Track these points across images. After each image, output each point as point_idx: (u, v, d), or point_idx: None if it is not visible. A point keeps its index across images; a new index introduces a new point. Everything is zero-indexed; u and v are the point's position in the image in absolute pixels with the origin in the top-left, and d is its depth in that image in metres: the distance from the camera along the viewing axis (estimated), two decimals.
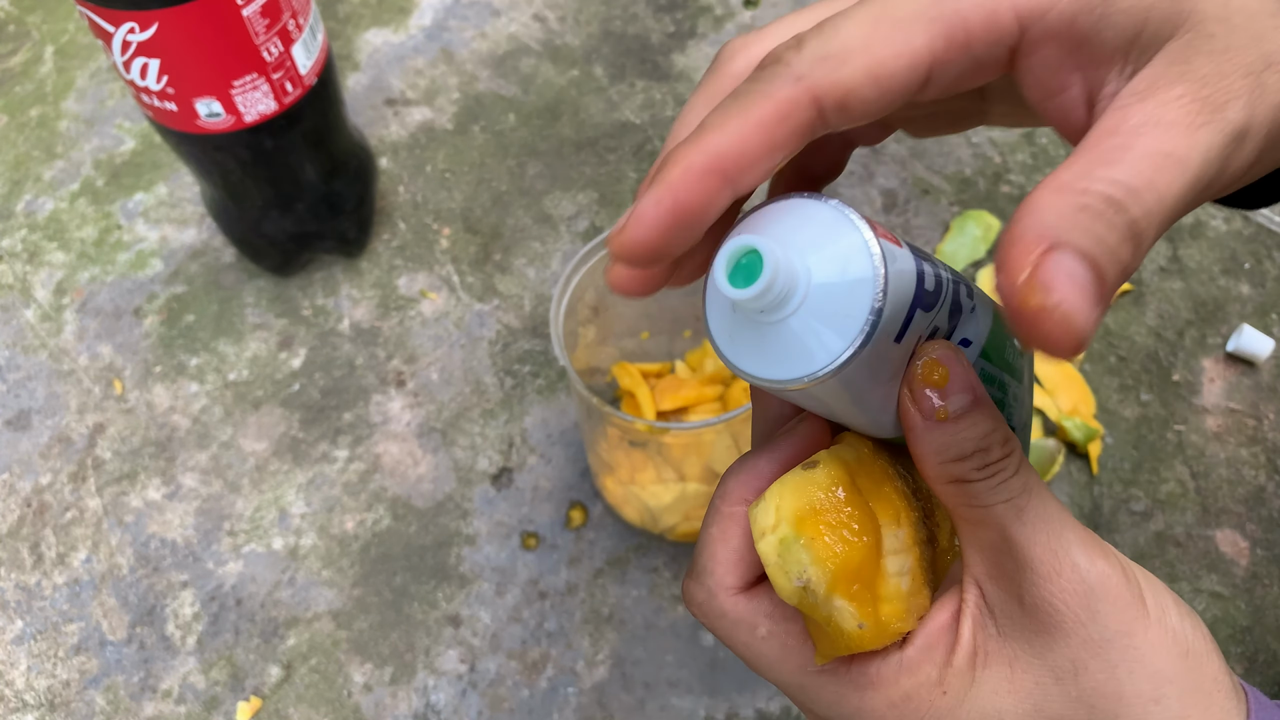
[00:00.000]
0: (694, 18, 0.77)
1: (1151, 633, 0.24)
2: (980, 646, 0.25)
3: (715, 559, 0.26)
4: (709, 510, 0.27)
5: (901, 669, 0.25)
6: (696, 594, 0.26)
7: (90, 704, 0.52)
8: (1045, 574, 0.24)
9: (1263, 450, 0.57)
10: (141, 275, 0.66)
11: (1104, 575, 0.24)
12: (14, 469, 0.59)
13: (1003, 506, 0.24)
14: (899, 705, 0.24)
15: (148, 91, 0.50)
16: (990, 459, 0.24)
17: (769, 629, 0.26)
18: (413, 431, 0.59)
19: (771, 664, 0.26)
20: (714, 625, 0.26)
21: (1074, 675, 0.24)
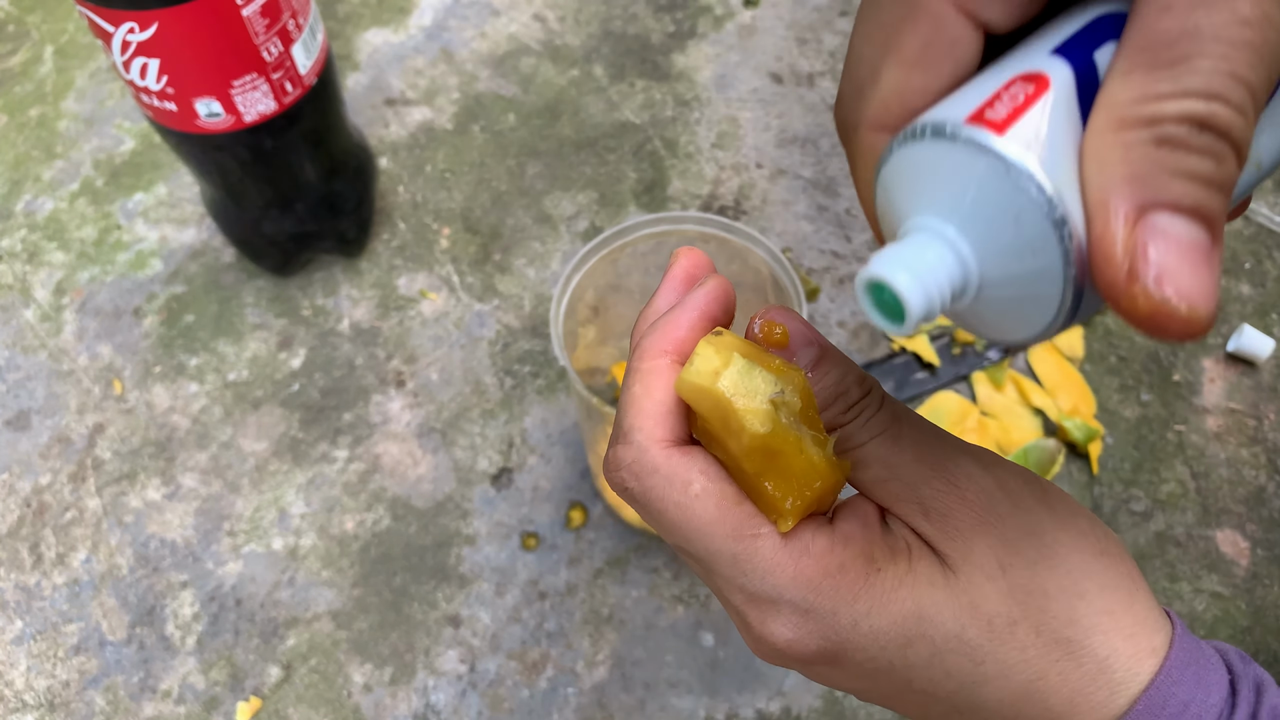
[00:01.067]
0: (694, 17, 0.77)
1: (1063, 533, 0.24)
2: (911, 543, 0.24)
3: (642, 413, 0.24)
4: (627, 373, 0.25)
5: (835, 538, 0.24)
6: (624, 455, 0.24)
7: (90, 704, 0.52)
8: (940, 488, 0.24)
9: (1263, 450, 0.57)
10: (141, 275, 0.65)
11: (1000, 479, 0.24)
12: (14, 469, 0.59)
13: (877, 441, 0.24)
14: (833, 575, 0.23)
15: (147, 91, 0.50)
16: (851, 400, 0.24)
17: (703, 485, 0.23)
18: (412, 432, 0.59)
19: (703, 526, 0.23)
20: (644, 488, 0.24)
21: (1002, 572, 0.23)
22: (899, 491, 0.24)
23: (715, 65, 0.74)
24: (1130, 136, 0.16)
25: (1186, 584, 0.53)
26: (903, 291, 0.18)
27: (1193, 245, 0.16)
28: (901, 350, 0.61)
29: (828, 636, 0.23)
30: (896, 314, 0.18)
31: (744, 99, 0.72)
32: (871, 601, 0.23)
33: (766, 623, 0.24)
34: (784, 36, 0.75)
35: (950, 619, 0.23)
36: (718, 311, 0.25)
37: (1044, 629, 0.23)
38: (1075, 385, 0.59)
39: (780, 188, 0.68)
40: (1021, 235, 0.18)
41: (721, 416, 0.23)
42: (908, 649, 0.23)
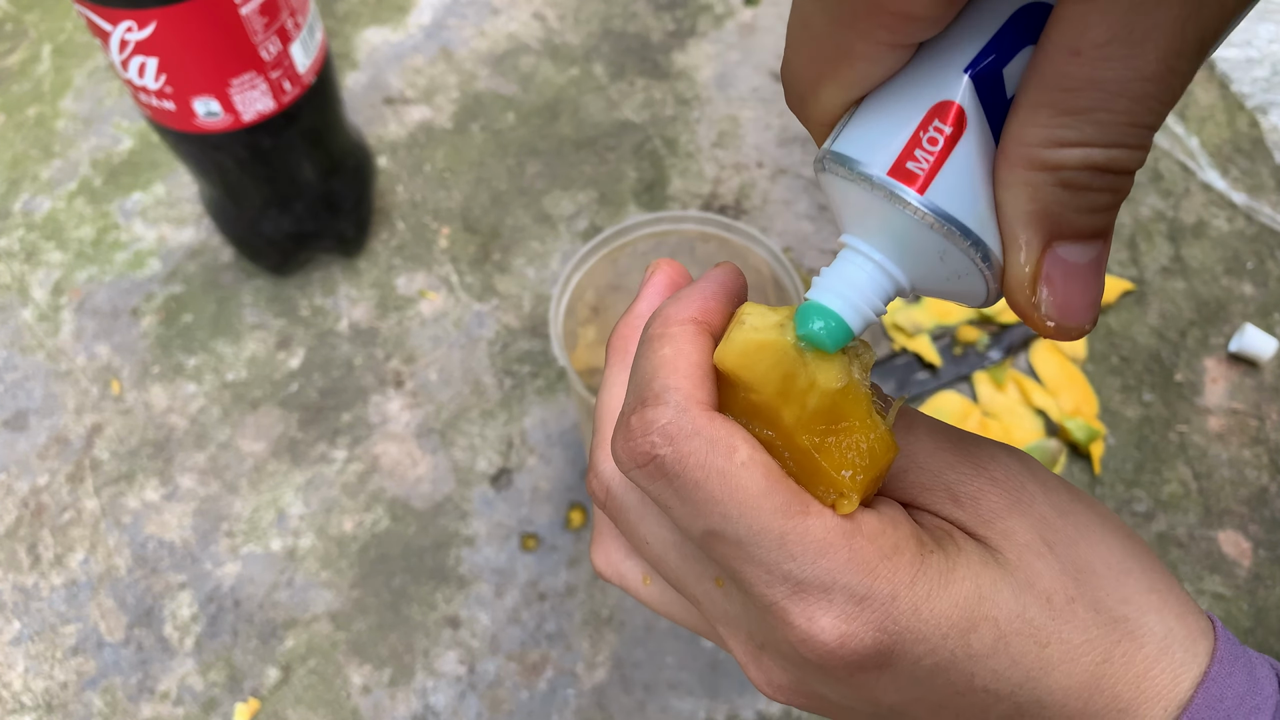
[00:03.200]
0: (694, 16, 0.76)
1: (1093, 512, 0.23)
2: (951, 529, 0.23)
3: (678, 372, 0.22)
4: (645, 341, 0.23)
5: (885, 520, 0.22)
6: (659, 417, 0.21)
7: (88, 705, 0.52)
8: (967, 471, 0.23)
9: (1265, 451, 0.57)
10: (139, 275, 0.65)
11: (1024, 461, 0.24)
12: (11, 469, 0.59)
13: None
14: (891, 557, 0.21)
15: (145, 90, 0.50)
16: None
17: (749, 454, 0.21)
18: (411, 432, 0.59)
19: (749, 499, 0.21)
20: (682, 451, 0.21)
21: (1050, 549, 0.22)
22: (923, 481, 0.23)
23: (716, 64, 0.74)
24: (1037, 178, 0.18)
25: (1188, 585, 0.53)
26: (844, 319, 0.21)
27: (1088, 264, 0.19)
28: (903, 350, 0.61)
29: (885, 627, 0.21)
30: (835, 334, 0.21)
31: (744, 98, 0.72)
32: (930, 584, 0.21)
33: (816, 617, 0.21)
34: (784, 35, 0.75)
35: (1010, 598, 0.21)
36: (737, 287, 0.25)
37: (1101, 606, 0.22)
38: (1077, 385, 0.59)
39: (781, 187, 0.68)
40: (947, 266, 0.20)
41: (785, 374, 0.21)
42: (971, 634, 0.21)
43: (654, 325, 0.23)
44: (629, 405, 0.22)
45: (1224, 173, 0.67)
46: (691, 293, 0.24)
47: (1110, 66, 0.17)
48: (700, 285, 0.24)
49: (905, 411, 0.24)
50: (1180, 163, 0.68)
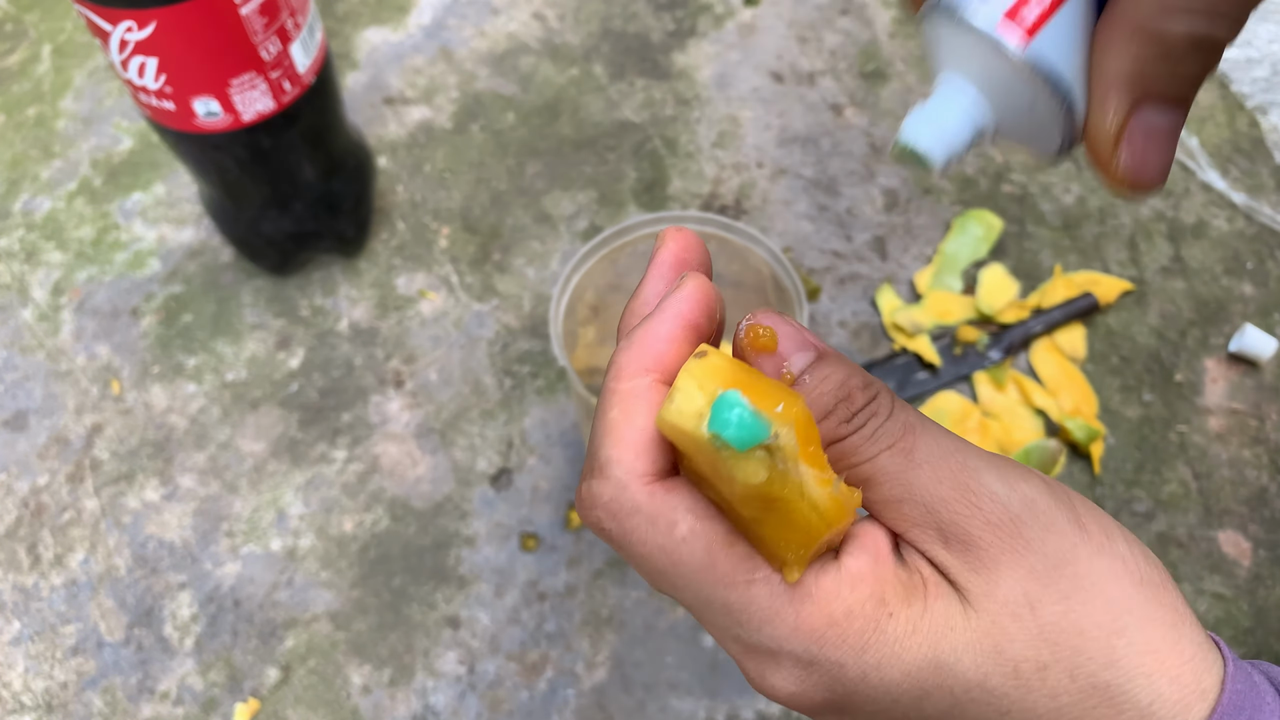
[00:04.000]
0: (694, 16, 0.76)
1: (1098, 559, 0.21)
2: (928, 578, 0.22)
3: (622, 443, 0.22)
4: (603, 395, 0.23)
5: (842, 580, 0.21)
6: (602, 492, 0.21)
7: (88, 705, 0.52)
8: (961, 510, 0.21)
9: (1265, 451, 0.57)
10: (139, 275, 0.65)
11: (1028, 499, 0.22)
12: (11, 469, 0.59)
13: (887, 456, 0.22)
14: (840, 623, 0.21)
15: (145, 90, 0.50)
16: (855, 406, 0.22)
17: (690, 526, 0.21)
18: (411, 432, 0.59)
19: (691, 573, 0.21)
20: (624, 529, 0.21)
21: (1030, 610, 0.21)
22: (915, 516, 0.22)
23: (715, 64, 0.74)
24: (1141, 43, 0.20)
25: (1189, 585, 0.53)
26: (931, 154, 0.22)
27: (1167, 128, 0.21)
28: (903, 350, 0.61)
29: (834, 689, 0.21)
30: (924, 161, 0.23)
31: (744, 98, 0.72)
32: (882, 651, 0.21)
33: (766, 675, 0.22)
34: (784, 35, 0.75)
35: (971, 667, 0.21)
36: (700, 316, 0.23)
37: (1079, 673, 0.21)
38: (1077, 385, 0.59)
39: (781, 187, 0.68)
40: (1035, 115, 0.22)
41: (709, 462, 0.20)
42: (924, 700, 0.21)
43: (609, 377, 0.23)
44: (584, 469, 0.23)
45: (1224, 173, 0.67)
46: (648, 335, 0.23)
47: None
48: (657, 324, 0.23)
49: (910, 427, 0.22)
50: (1180, 162, 0.68)
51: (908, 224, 0.66)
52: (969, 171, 0.68)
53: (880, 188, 0.67)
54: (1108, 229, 0.65)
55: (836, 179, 0.68)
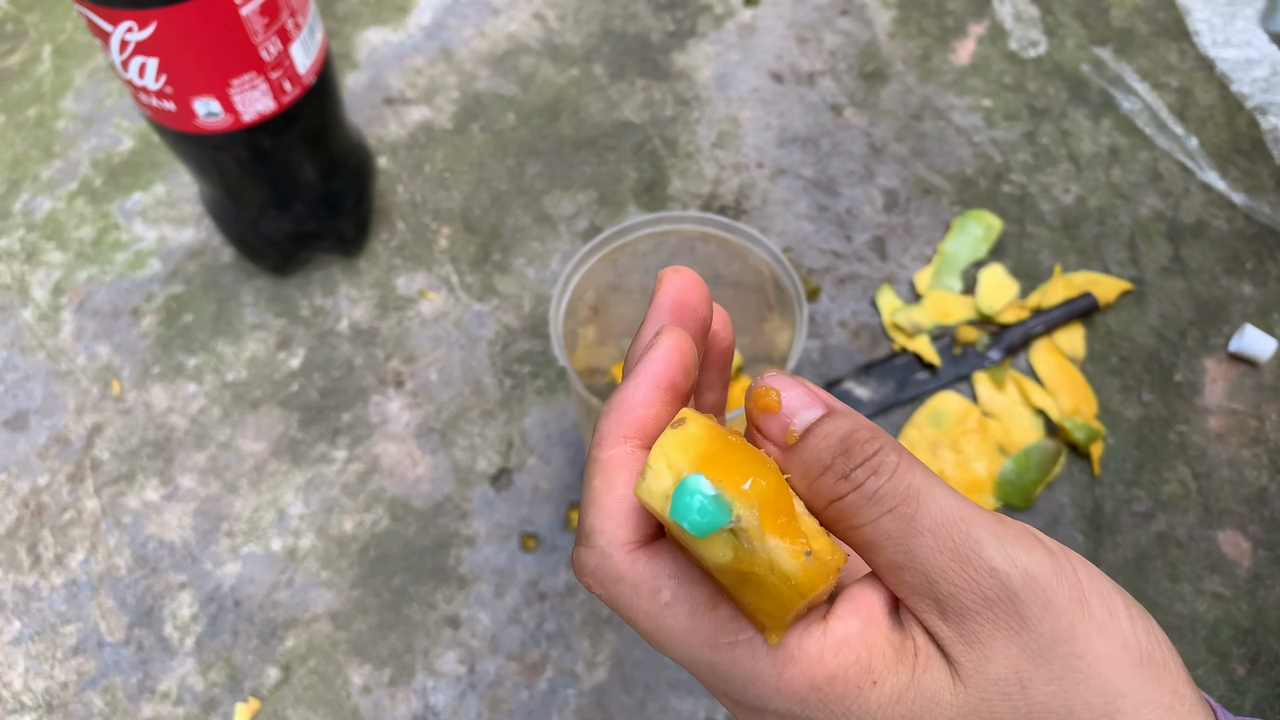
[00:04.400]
0: (694, 16, 0.76)
1: (1098, 639, 0.21)
2: (920, 646, 0.22)
3: (603, 513, 0.22)
4: (588, 463, 0.23)
5: (827, 644, 0.21)
6: (588, 561, 0.23)
7: (88, 705, 0.52)
8: (960, 584, 0.21)
9: (1265, 451, 0.57)
10: (139, 275, 0.65)
11: (1028, 575, 0.21)
12: (12, 469, 0.59)
13: (889, 519, 0.21)
14: (822, 688, 0.21)
15: (146, 91, 0.50)
16: (853, 462, 0.22)
17: (673, 592, 0.22)
18: (411, 432, 0.59)
19: (676, 636, 0.22)
20: (611, 595, 0.22)
21: (1021, 690, 0.21)
22: (914, 584, 0.22)
23: (715, 64, 0.74)
24: None
25: (1188, 585, 0.53)
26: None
27: None
28: (903, 350, 0.61)
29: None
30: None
31: (744, 98, 0.72)
32: (864, 719, 0.21)
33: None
34: (784, 35, 0.75)
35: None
36: (675, 375, 0.23)
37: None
38: (1077, 385, 0.59)
39: (781, 187, 0.68)
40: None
41: (683, 536, 0.21)
42: None
43: (592, 445, 0.23)
44: (576, 534, 0.24)
45: (1223, 173, 0.67)
46: (626, 402, 0.23)
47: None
48: (634, 389, 0.23)
49: (913, 498, 0.22)
50: (1180, 163, 0.68)
51: (907, 224, 0.66)
52: (969, 172, 0.68)
53: (880, 188, 0.67)
54: (1107, 229, 0.65)
55: (836, 179, 0.68)
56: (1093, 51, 0.74)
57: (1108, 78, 0.72)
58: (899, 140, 0.69)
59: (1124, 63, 0.73)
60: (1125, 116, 0.70)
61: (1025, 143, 0.69)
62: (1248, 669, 0.51)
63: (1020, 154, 0.69)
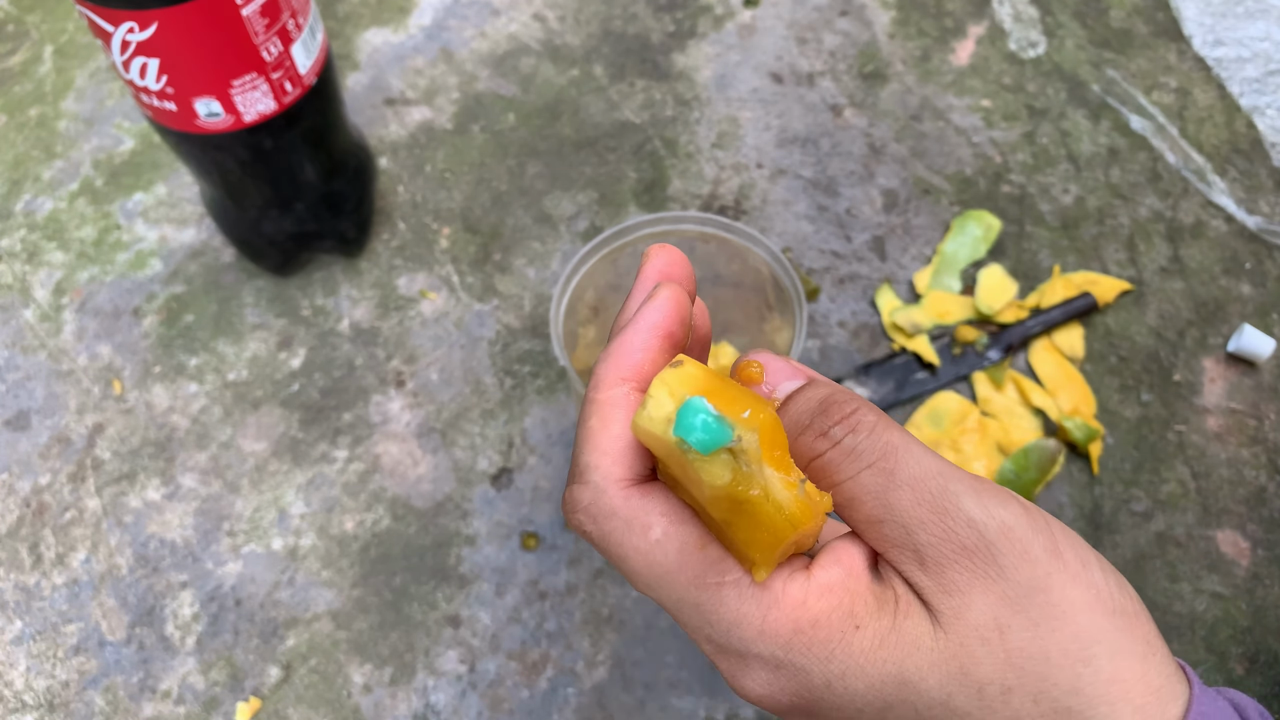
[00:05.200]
0: (694, 17, 0.77)
1: (1072, 588, 0.22)
2: (901, 595, 0.22)
3: (599, 450, 0.23)
4: (583, 404, 0.24)
5: (811, 589, 0.22)
6: (581, 497, 0.23)
7: (89, 704, 0.52)
8: (938, 534, 0.22)
9: (1264, 450, 0.57)
10: (141, 275, 0.65)
11: (1004, 526, 0.22)
12: (13, 469, 0.59)
13: (868, 474, 0.22)
14: (805, 632, 0.22)
15: (147, 91, 0.50)
16: (831, 420, 0.22)
17: (664, 529, 0.22)
18: (412, 432, 0.59)
19: (664, 574, 0.22)
20: (603, 531, 0.23)
21: (999, 635, 0.21)
22: (894, 537, 0.22)
23: (715, 65, 0.74)
24: None
25: (1187, 584, 0.53)
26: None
27: None
28: (902, 350, 0.61)
29: (800, 694, 0.22)
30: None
31: (744, 99, 0.72)
32: (848, 662, 0.22)
33: (737, 675, 0.22)
34: (784, 36, 0.75)
35: (935, 685, 0.21)
36: (673, 324, 0.24)
37: (1043, 698, 0.21)
38: (1076, 385, 0.59)
39: (780, 187, 0.68)
40: None
41: (680, 465, 0.21)
42: (887, 712, 0.22)
43: (589, 388, 0.24)
44: (569, 474, 0.24)
45: (1222, 174, 0.67)
46: (623, 346, 0.24)
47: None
48: (632, 335, 0.24)
49: (892, 447, 0.22)
50: (1179, 161, 0.68)
51: (907, 224, 0.66)
52: (968, 172, 0.68)
53: (879, 188, 0.68)
54: (1106, 229, 0.65)
55: (836, 179, 0.68)
56: (1092, 52, 0.74)
57: (1104, 82, 0.72)
58: (898, 141, 0.70)
59: (1122, 65, 0.73)
60: (1123, 118, 0.70)
61: (1024, 143, 0.69)
62: (1246, 668, 0.51)
63: (1019, 154, 0.69)
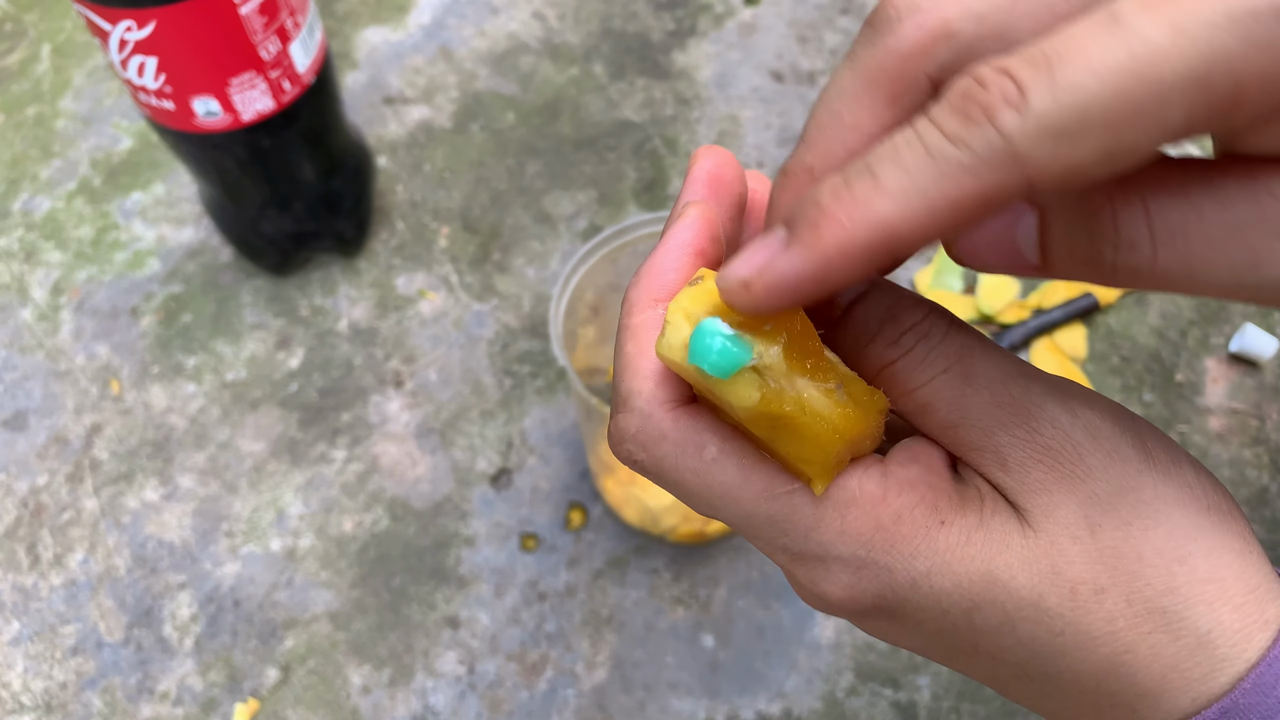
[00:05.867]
0: (694, 15, 0.76)
1: (1164, 486, 0.21)
2: (985, 494, 0.21)
3: (639, 374, 0.21)
4: (619, 332, 0.23)
5: (890, 485, 0.21)
6: (629, 425, 0.21)
7: (87, 705, 0.52)
8: (1021, 435, 0.21)
9: (1266, 451, 0.57)
10: (138, 275, 0.65)
11: (1092, 426, 0.21)
12: (11, 469, 0.59)
13: (943, 379, 0.21)
14: (888, 528, 0.21)
15: (145, 90, 0.50)
16: (902, 327, 0.21)
17: (719, 447, 0.21)
18: (411, 432, 0.59)
19: (729, 491, 0.21)
20: (655, 457, 0.21)
21: (1090, 533, 0.20)
22: (972, 439, 0.21)
23: (716, 63, 0.74)
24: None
25: None
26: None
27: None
28: None
29: (883, 595, 0.21)
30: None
31: (745, 97, 0.72)
32: (933, 560, 0.21)
33: (817, 582, 0.21)
34: (785, 34, 0.75)
35: (1026, 585, 0.20)
36: (704, 242, 0.23)
37: (1136, 598, 0.20)
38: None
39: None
40: None
41: (707, 389, 0.20)
42: (974, 613, 0.21)
43: (623, 312, 0.23)
44: (611, 405, 0.23)
45: None
46: (654, 267, 0.22)
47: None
48: (663, 255, 0.23)
49: (968, 349, 0.21)
50: None
51: None
52: None
53: None
54: None
55: None
56: None
57: None
58: None
59: None
60: None
61: None
62: None
63: None
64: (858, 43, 0.19)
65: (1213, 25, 0.14)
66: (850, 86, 0.19)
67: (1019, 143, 0.15)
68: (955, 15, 0.18)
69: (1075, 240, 0.18)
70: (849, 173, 0.17)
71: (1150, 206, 0.18)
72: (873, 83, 0.19)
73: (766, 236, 0.18)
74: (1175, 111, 0.15)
